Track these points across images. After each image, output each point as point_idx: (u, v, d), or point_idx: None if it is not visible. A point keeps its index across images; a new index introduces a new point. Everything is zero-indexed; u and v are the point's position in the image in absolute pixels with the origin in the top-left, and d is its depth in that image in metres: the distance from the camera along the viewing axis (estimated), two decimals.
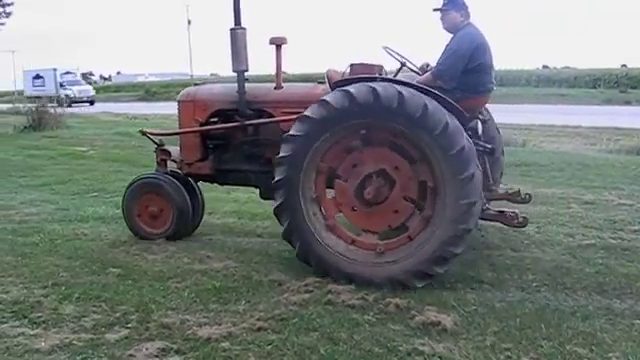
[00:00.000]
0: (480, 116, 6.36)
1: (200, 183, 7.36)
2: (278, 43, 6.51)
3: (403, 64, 6.34)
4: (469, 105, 5.86)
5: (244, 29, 6.54)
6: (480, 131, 6.21)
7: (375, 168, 5.52)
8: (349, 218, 5.82)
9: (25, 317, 4.85)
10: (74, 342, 4.39)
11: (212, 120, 6.91)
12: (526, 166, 11.98)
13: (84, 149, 16.49)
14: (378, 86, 5.23)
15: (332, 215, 5.74)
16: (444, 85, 5.82)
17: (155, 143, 7.22)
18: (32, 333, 4.56)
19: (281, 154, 5.49)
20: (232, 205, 8.92)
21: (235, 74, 6.62)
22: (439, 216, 5.26)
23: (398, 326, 4.62)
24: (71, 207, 8.89)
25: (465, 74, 5.88)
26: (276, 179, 5.54)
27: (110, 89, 75.40)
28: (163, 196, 6.86)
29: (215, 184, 7.33)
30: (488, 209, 6.18)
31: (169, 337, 4.44)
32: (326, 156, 5.59)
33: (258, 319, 4.71)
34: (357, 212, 5.70)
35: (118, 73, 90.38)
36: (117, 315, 4.83)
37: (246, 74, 6.56)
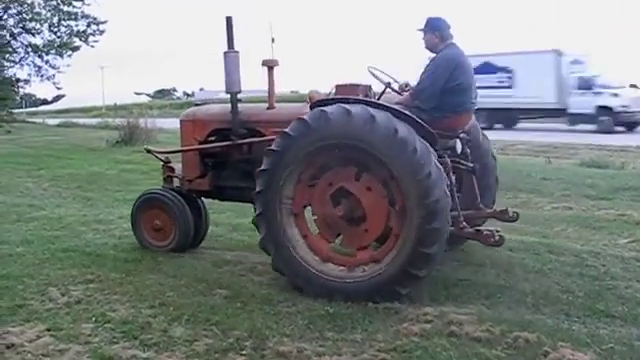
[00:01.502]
0: (462, 135, 6.34)
1: None
2: (270, 65, 6.85)
3: (387, 85, 6.49)
4: (448, 124, 6.01)
5: (237, 52, 6.84)
6: (459, 149, 6.22)
7: (338, 186, 5.72)
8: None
9: (135, 338, 4.72)
10: None
11: (210, 139, 7.24)
12: (635, 190, 11.30)
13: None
14: (353, 108, 5.40)
15: (307, 228, 5.93)
16: (422, 105, 5.95)
17: (161, 160, 7.57)
18: (144, 356, 4.43)
19: (262, 167, 5.74)
20: None
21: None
22: (404, 237, 5.34)
23: None
24: None
25: (444, 94, 5.94)
26: (256, 190, 5.77)
27: (193, 105, 76.77)
28: (166, 211, 7.14)
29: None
30: (465, 227, 6.00)
31: None
32: (304, 172, 5.78)
33: (379, 350, 4.45)
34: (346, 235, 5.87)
35: (201, 89, 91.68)
36: (230, 340, 4.63)
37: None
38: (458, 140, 6.20)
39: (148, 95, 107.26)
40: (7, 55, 37.35)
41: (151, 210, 7.27)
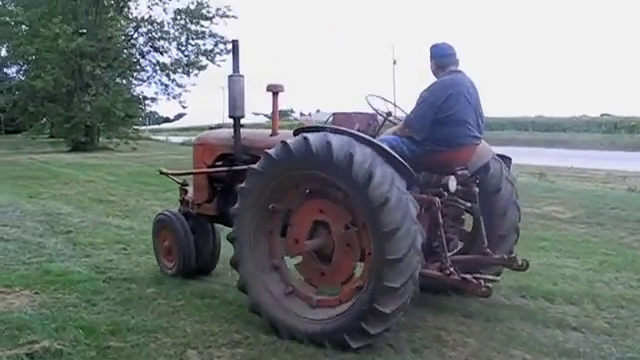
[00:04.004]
0: (461, 172, 5.74)
1: None
2: (275, 90, 6.52)
3: (387, 116, 6.28)
4: (442, 159, 5.61)
5: (242, 76, 6.61)
6: (453, 188, 5.58)
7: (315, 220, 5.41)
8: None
9: None
10: None
11: (217, 163, 7.09)
12: None
13: None
14: (311, 136, 5.07)
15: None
16: (414, 135, 5.61)
17: (177, 182, 7.63)
18: None
19: (235, 206, 5.53)
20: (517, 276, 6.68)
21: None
22: (369, 271, 4.92)
23: None
24: None
25: (435, 125, 5.53)
26: (231, 231, 5.61)
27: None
28: (171, 232, 7.15)
29: None
30: (452, 273, 5.31)
31: None
32: (276, 208, 5.51)
33: None
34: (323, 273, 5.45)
35: (317, 111, 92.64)
36: None
37: None
38: (452, 177, 5.60)
39: (266, 115, 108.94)
40: (135, 73, 38.19)
41: (160, 232, 7.35)
